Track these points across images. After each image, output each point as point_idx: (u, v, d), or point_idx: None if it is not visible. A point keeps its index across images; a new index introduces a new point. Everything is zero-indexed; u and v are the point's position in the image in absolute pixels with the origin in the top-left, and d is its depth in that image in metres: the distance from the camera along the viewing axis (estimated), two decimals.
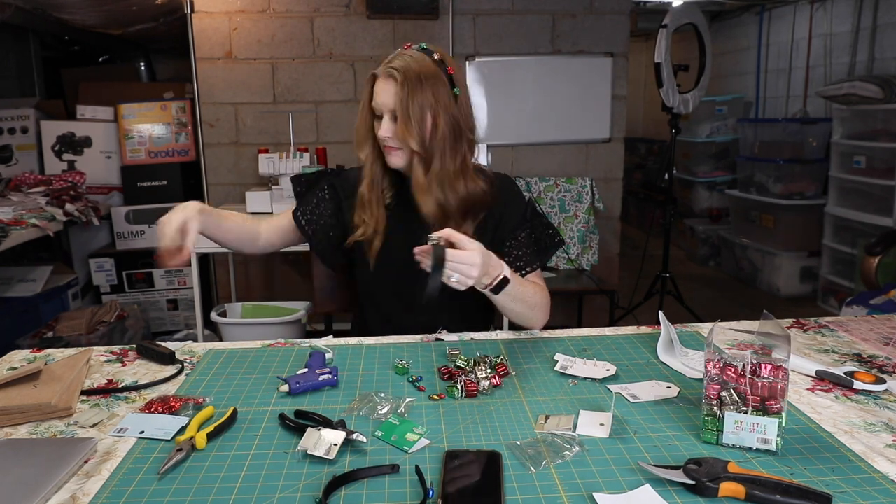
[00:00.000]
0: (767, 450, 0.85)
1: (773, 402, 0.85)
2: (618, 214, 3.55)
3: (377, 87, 1.30)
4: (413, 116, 1.26)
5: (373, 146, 1.37)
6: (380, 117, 1.32)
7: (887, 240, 3.11)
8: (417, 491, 0.78)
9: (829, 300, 3.97)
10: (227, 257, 3.34)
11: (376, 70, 1.31)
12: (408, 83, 1.26)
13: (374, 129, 1.34)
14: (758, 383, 0.86)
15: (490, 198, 1.38)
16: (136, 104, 3.35)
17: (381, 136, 1.31)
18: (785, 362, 0.86)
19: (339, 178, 1.50)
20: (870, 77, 3.59)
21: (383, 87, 1.29)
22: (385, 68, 1.28)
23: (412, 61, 1.28)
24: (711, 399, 0.88)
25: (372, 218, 1.38)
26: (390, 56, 1.31)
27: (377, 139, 1.34)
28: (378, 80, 1.30)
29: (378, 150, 1.37)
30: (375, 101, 1.31)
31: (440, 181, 1.32)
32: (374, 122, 1.34)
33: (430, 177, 1.31)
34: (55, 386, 1.03)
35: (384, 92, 1.28)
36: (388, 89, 1.28)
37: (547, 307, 1.37)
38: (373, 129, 1.34)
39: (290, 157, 2.87)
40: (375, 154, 1.38)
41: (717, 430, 0.87)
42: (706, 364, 0.90)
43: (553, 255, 1.55)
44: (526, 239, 1.40)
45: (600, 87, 3.36)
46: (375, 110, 1.32)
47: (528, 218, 1.43)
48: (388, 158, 1.35)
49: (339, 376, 1.10)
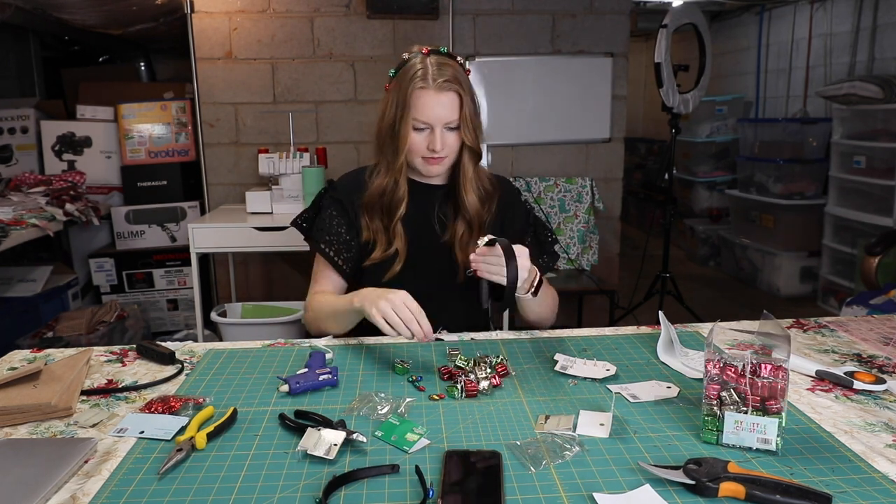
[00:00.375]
0: (767, 450, 0.86)
1: (773, 402, 0.85)
2: (618, 214, 3.55)
3: (427, 101, 1.27)
4: (474, 124, 1.31)
5: (402, 161, 1.34)
6: (420, 130, 1.30)
7: (887, 240, 3.11)
8: (417, 491, 0.78)
9: (829, 300, 3.97)
10: (227, 257, 3.34)
11: (420, 84, 1.27)
12: (466, 93, 1.29)
13: (413, 143, 1.31)
14: (758, 383, 0.86)
15: (495, 186, 1.43)
16: (136, 104, 3.35)
17: (439, 148, 1.29)
18: (785, 362, 0.86)
19: (338, 191, 1.45)
20: (870, 77, 3.59)
21: (437, 101, 1.27)
22: (438, 82, 1.26)
23: (457, 68, 1.30)
24: (711, 399, 0.89)
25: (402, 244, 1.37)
26: (419, 66, 1.28)
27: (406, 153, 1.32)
28: (427, 94, 1.27)
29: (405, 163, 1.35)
30: (425, 115, 1.28)
31: (478, 173, 1.39)
32: (412, 136, 1.31)
33: (476, 170, 1.38)
34: (55, 386, 1.03)
35: (440, 105, 1.27)
36: (446, 102, 1.27)
37: (557, 306, 1.45)
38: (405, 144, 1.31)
39: (290, 157, 2.86)
40: (405, 169, 1.36)
41: (717, 430, 0.88)
42: (706, 364, 0.90)
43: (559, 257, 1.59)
44: (532, 243, 1.41)
45: (600, 87, 3.36)
46: (418, 124, 1.29)
47: (531, 223, 1.47)
48: (431, 170, 1.34)
49: (339, 376, 1.10)
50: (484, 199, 1.40)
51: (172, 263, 3.35)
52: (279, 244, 2.71)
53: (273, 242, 2.71)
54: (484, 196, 1.40)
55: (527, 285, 1.25)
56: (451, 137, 1.31)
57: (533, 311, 1.36)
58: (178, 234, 3.38)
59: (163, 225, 3.38)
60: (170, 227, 3.38)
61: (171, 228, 3.39)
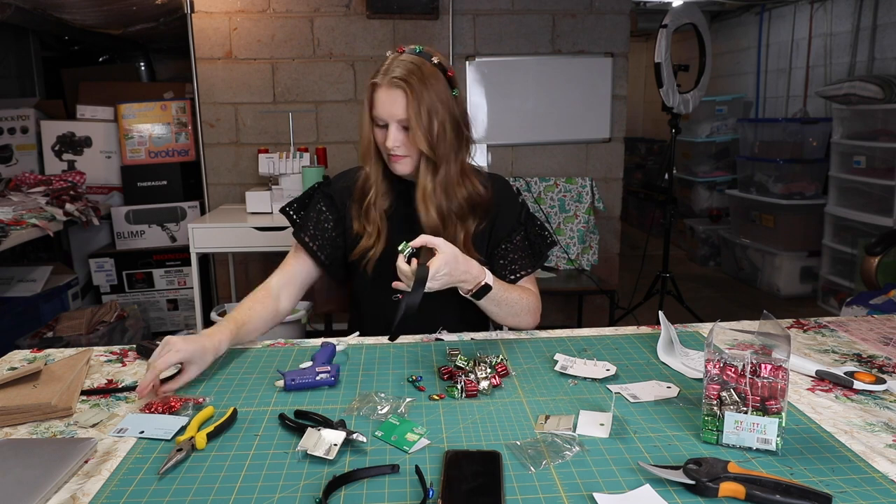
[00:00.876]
0: (767, 450, 0.86)
1: (773, 402, 0.85)
2: (618, 214, 3.55)
3: (380, 96, 1.27)
4: (424, 124, 1.26)
5: (377, 156, 1.35)
6: (382, 126, 1.30)
7: (887, 240, 3.11)
8: (417, 491, 0.78)
9: (829, 300, 3.97)
10: (228, 257, 3.34)
11: (376, 79, 1.28)
12: (416, 91, 1.24)
13: (377, 139, 1.32)
14: (758, 383, 0.86)
15: (488, 200, 1.38)
16: (136, 104, 3.35)
17: (391, 146, 1.28)
18: (785, 362, 0.86)
19: (331, 187, 1.46)
20: (870, 77, 3.59)
21: (388, 97, 1.26)
22: (388, 78, 1.25)
23: (414, 67, 1.26)
24: (711, 399, 0.88)
25: (374, 228, 1.36)
26: (386, 63, 1.29)
27: (379, 149, 1.33)
28: (380, 90, 1.27)
29: (381, 159, 1.36)
30: (378, 111, 1.28)
31: (444, 186, 1.32)
32: (375, 131, 1.32)
33: (436, 182, 1.31)
34: (55, 386, 1.03)
35: (390, 102, 1.26)
36: (395, 99, 1.26)
37: (536, 311, 1.38)
38: (375, 139, 1.33)
39: (290, 157, 2.87)
40: (381, 164, 1.36)
41: (718, 430, 0.87)
42: (706, 364, 0.90)
43: (548, 257, 1.54)
44: (521, 242, 1.40)
45: (600, 87, 3.36)
46: (378, 120, 1.30)
47: (523, 221, 1.43)
48: (394, 167, 1.33)
49: (339, 376, 1.10)
50: (462, 214, 1.34)
51: (172, 263, 3.35)
52: (279, 244, 2.71)
53: (273, 242, 2.71)
54: (459, 210, 1.34)
55: (468, 286, 1.21)
56: (405, 137, 1.29)
57: (490, 312, 1.31)
58: (178, 234, 3.38)
59: (163, 225, 3.38)
60: (170, 227, 3.39)
61: (171, 228, 3.39)
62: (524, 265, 1.39)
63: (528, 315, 1.36)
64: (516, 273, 1.38)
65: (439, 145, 1.28)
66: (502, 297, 1.28)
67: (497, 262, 1.40)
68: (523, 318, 1.35)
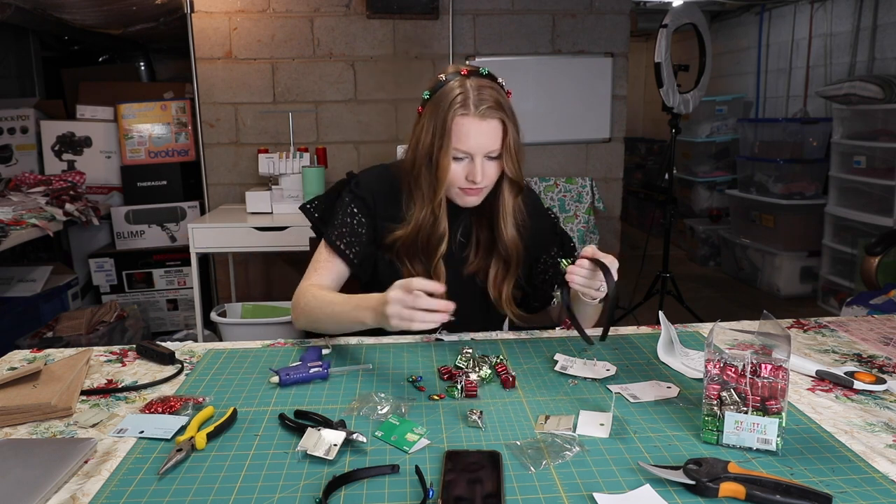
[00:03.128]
0: (767, 450, 0.86)
1: (773, 402, 0.85)
2: (618, 214, 3.55)
3: (469, 129, 1.18)
4: (514, 151, 1.22)
5: (442, 195, 1.25)
6: (459, 159, 1.22)
7: (887, 240, 3.11)
8: (417, 491, 0.78)
9: (830, 300, 3.97)
10: (228, 257, 3.34)
11: (465, 111, 1.18)
12: (510, 119, 1.20)
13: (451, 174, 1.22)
14: (758, 383, 0.86)
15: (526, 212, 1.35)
16: (136, 104, 3.35)
17: (479, 180, 1.21)
18: (785, 362, 0.86)
19: (361, 188, 1.34)
20: (870, 77, 3.59)
21: (479, 129, 1.18)
22: (481, 109, 1.17)
23: (497, 93, 1.21)
24: (712, 399, 0.88)
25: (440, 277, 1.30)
26: (458, 90, 1.19)
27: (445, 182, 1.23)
28: (470, 122, 1.18)
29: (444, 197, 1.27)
30: (466, 144, 1.19)
31: (519, 205, 1.31)
32: (452, 166, 1.22)
33: (517, 202, 1.30)
34: (55, 386, 1.03)
35: (482, 134, 1.19)
36: (488, 130, 1.19)
37: None
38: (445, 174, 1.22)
39: (290, 157, 2.87)
40: (445, 203, 1.27)
41: (718, 430, 0.88)
42: (706, 364, 0.90)
43: None
44: (557, 254, 1.40)
45: (600, 87, 3.36)
46: (458, 153, 1.21)
47: (558, 233, 1.44)
48: (466, 200, 1.26)
49: (329, 370, 1.11)
50: (522, 232, 1.32)
51: (172, 263, 3.35)
52: (279, 244, 2.72)
53: (273, 242, 2.72)
54: (521, 228, 1.32)
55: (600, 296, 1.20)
56: (492, 167, 1.23)
57: (589, 318, 1.33)
58: (177, 234, 3.38)
59: (163, 225, 3.38)
60: (170, 227, 3.38)
61: (170, 228, 3.39)
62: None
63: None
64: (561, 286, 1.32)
65: (522, 166, 1.26)
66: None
67: (539, 276, 1.40)
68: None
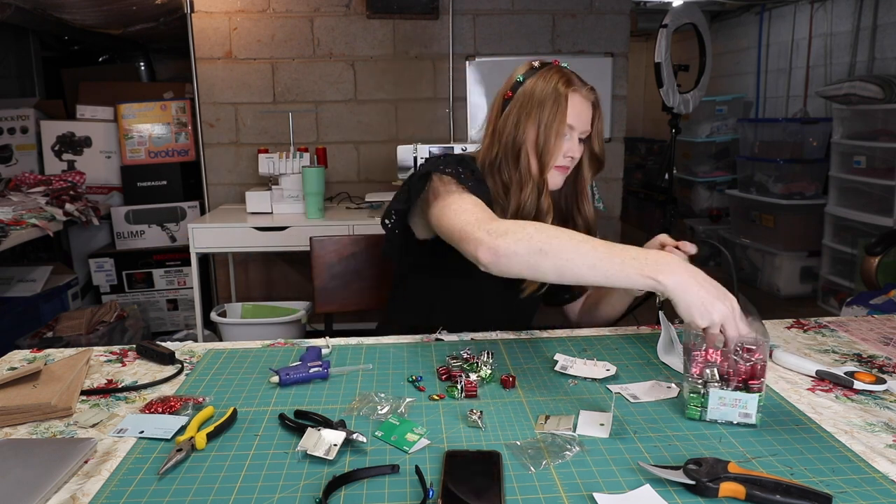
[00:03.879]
0: (747, 423, 0.91)
1: (755, 382, 0.91)
2: (618, 214, 3.55)
3: (576, 105, 1.27)
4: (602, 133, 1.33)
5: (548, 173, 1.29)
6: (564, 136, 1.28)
7: (887, 240, 3.11)
8: (417, 491, 0.78)
9: (830, 300, 3.97)
10: (227, 257, 3.34)
11: (574, 87, 1.27)
12: (599, 101, 1.32)
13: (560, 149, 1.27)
14: (739, 363, 0.92)
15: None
16: (136, 104, 3.35)
17: (578, 155, 1.30)
18: (764, 343, 0.92)
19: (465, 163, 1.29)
20: (870, 77, 3.59)
21: (584, 107, 1.29)
22: (586, 89, 1.29)
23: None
24: (696, 378, 0.93)
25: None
26: (560, 72, 1.29)
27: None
28: (579, 99, 1.28)
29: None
30: (576, 120, 1.27)
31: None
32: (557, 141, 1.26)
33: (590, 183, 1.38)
34: (55, 386, 1.03)
35: (586, 111, 1.29)
36: (588, 109, 1.30)
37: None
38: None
39: (289, 157, 2.87)
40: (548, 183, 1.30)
41: (702, 406, 0.93)
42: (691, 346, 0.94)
43: None
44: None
45: (600, 87, 3.30)
46: (567, 129, 1.28)
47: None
48: (557, 179, 1.31)
49: (329, 370, 1.11)
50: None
51: (172, 263, 3.35)
52: (279, 244, 2.72)
53: (273, 242, 2.72)
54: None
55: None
56: (580, 148, 1.32)
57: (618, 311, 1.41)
58: (177, 234, 3.38)
59: (163, 225, 3.38)
60: (170, 227, 3.39)
61: (170, 228, 3.39)
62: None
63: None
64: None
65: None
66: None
67: None
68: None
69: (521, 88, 1.30)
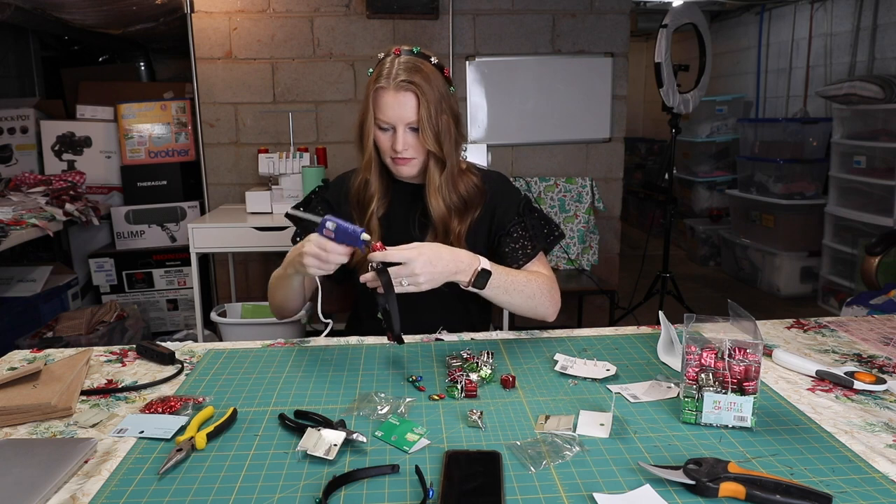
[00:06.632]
0: (743, 426, 0.91)
1: (749, 384, 0.91)
2: (618, 214, 3.55)
3: (387, 100, 1.27)
4: (433, 124, 1.27)
5: (378, 162, 1.36)
6: (385, 130, 1.30)
7: (887, 240, 3.11)
8: (417, 491, 0.78)
9: (830, 300, 3.97)
10: (227, 257, 3.34)
11: (381, 83, 1.27)
12: (424, 92, 1.25)
13: (380, 143, 1.32)
14: (734, 366, 0.91)
15: (482, 194, 1.40)
16: (136, 104, 3.35)
17: (400, 149, 1.29)
18: (758, 345, 0.91)
19: (329, 190, 1.47)
20: (870, 77, 3.59)
21: (396, 101, 1.26)
22: (396, 81, 1.25)
23: (417, 68, 1.27)
24: (691, 382, 0.93)
25: (376, 237, 1.32)
26: (387, 66, 1.27)
27: (379, 154, 1.34)
28: (386, 94, 1.26)
29: (381, 164, 1.36)
30: (386, 115, 1.28)
31: (449, 181, 1.34)
32: (378, 136, 1.31)
33: (443, 178, 1.33)
34: (55, 386, 1.03)
35: (398, 105, 1.26)
36: (404, 102, 1.26)
37: (552, 293, 1.34)
38: (378, 144, 1.32)
39: (290, 157, 2.86)
40: (380, 169, 1.37)
41: (697, 409, 0.93)
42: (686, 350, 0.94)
43: (554, 246, 1.51)
44: (521, 233, 1.39)
45: (600, 87, 3.36)
46: (382, 124, 1.30)
47: (522, 213, 1.41)
48: (400, 170, 1.34)
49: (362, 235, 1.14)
50: (460, 209, 1.36)
51: (172, 263, 3.35)
52: (279, 244, 2.71)
53: (273, 242, 2.71)
54: (459, 204, 1.36)
55: (463, 277, 1.20)
56: (414, 138, 1.30)
57: (504, 304, 1.30)
58: (177, 234, 3.38)
59: (163, 225, 3.38)
60: (170, 227, 3.38)
61: (170, 228, 3.39)
62: (526, 254, 1.37)
63: (545, 297, 1.32)
64: (518, 261, 1.36)
65: (445, 143, 1.30)
66: (508, 283, 1.26)
67: (501, 258, 1.39)
68: (541, 302, 1.32)
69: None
